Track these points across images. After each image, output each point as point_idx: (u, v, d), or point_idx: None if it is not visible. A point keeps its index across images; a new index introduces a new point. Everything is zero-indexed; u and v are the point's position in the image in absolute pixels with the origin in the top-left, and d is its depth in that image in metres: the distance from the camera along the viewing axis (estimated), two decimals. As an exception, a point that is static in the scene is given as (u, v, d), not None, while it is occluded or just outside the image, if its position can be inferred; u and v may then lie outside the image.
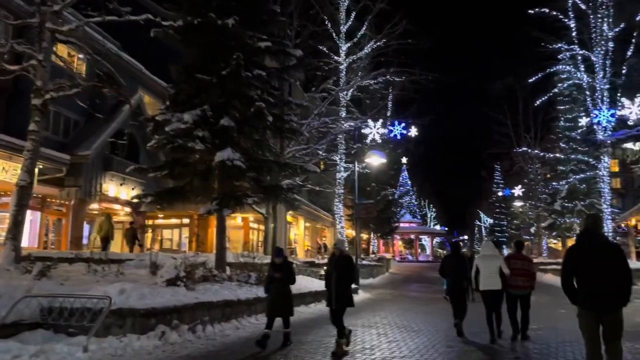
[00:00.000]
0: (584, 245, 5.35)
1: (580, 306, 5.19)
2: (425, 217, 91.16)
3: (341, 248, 8.54)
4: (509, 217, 61.35)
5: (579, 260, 5.23)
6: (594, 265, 5.12)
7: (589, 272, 5.14)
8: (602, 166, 24.83)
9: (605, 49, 25.25)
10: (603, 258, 5.15)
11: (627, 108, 20.18)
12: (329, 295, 8.24)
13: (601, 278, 5.07)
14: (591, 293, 5.08)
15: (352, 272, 8.49)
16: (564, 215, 33.38)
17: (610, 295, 5.03)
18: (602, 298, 5.03)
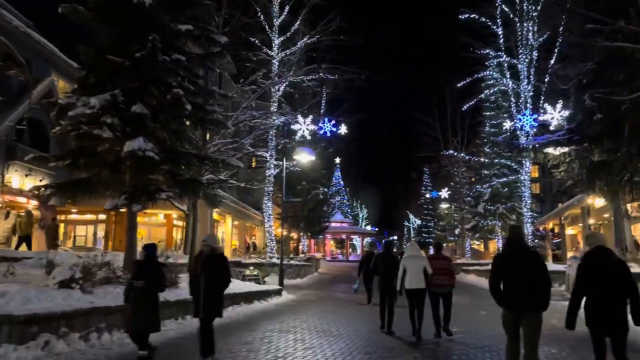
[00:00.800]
0: (508, 253, 5.93)
1: (504, 307, 5.70)
2: (357, 217, 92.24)
3: (212, 245, 7.07)
4: (436, 219, 63.03)
5: (504, 267, 5.77)
6: (517, 271, 5.63)
7: (513, 278, 5.65)
8: (524, 171, 25.79)
9: (530, 57, 26.22)
10: (525, 265, 5.63)
11: (549, 114, 20.99)
12: (196, 303, 6.99)
13: (523, 283, 5.56)
14: (514, 296, 5.59)
15: (225, 274, 7.02)
16: (486, 217, 34.47)
17: (531, 298, 5.52)
18: (524, 301, 5.54)
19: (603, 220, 33.33)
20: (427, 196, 64.84)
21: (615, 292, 5.13)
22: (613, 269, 5.22)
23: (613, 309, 5.10)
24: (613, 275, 5.17)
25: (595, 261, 5.34)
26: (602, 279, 5.20)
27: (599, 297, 5.16)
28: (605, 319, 5.13)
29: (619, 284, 5.14)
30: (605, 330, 5.20)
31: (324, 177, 35.59)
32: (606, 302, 5.13)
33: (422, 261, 9.30)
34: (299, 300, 16.73)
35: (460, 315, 12.50)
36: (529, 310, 5.52)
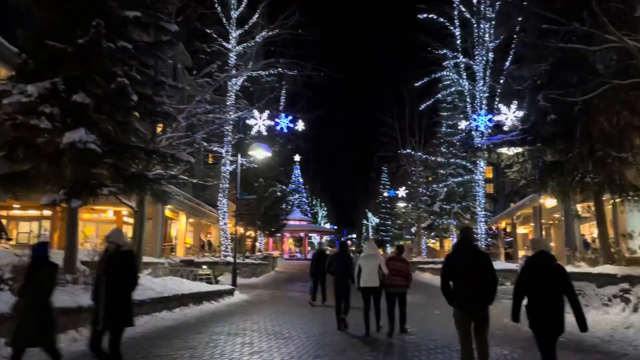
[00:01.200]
0: (459, 254, 6.22)
1: (455, 306, 5.98)
2: (316, 216, 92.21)
3: (117, 241, 5.97)
4: (393, 217, 63.63)
5: (455, 267, 6.04)
6: (467, 271, 5.92)
7: (463, 277, 5.94)
8: (478, 171, 26.17)
9: (486, 59, 26.61)
10: (475, 265, 5.94)
11: (503, 114, 21.35)
12: (96, 310, 5.83)
13: (472, 282, 5.88)
14: (464, 295, 5.90)
15: (130, 274, 5.96)
16: (442, 216, 34.91)
17: (480, 296, 5.87)
18: (473, 299, 5.86)
19: (554, 220, 34.32)
20: (385, 195, 65.38)
21: (554, 296, 5.45)
22: (553, 273, 5.53)
23: (552, 311, 5.44)
24: (553, 280, 5.48)
25: (537, 265, 5.61)
26: (542, 282, 5.47)
27: (540, 299, 5.46)
28: (546, 320, 5.47)
29: (558, 288, 5.46)
30: (547, 330, 5.53)
31: (282, 175, 35.15)
32: (546, 304, 5.45)
33: (377, 260, 9.46)
34: (252, 300, 16.27)
35: (415, 315, 12.40)
36: (479, 308, 5.89)
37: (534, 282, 5.52)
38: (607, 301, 12.27)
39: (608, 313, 12.08)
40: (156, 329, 10.33)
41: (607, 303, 12.24)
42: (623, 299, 11.76)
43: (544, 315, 5.45)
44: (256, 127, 21.21)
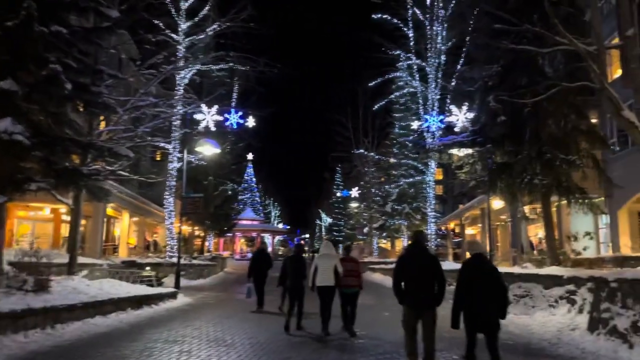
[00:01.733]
0: (411, 255, 6.44)
1: (406, 306, 6.23)
2: (270, 215, 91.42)
3: None
4: (346, 217, 63.73)
5: (407, 268, 6.29)
6: (418, 272, 6.19)
7: (413, 278, 6.21)
8: (429, 172, 26.37)
9: (438, 61, 26.84)
10: (426, 266, 6.21)
11: (454, 115, 21.51)
12: None
13: (422, 283, 6.17)
14: (414, 295, 6.16)
15: None
16: (393, 217, 35.08)
17: (429, 297, 6.16)
18: (425, 299, 6.14)
19: (500, 222, 35.14)
20: (338, 195, 65.43)
21: (488, 294, 5.81)
22: (488, 274, 5.95)
23: (487, 309, 5.80)
24: (487, 280, 5.88)
25: (473, 267, 6.02)
26: (478, 282, 5.85)
27: (475, 298, 5.80)
28: (480, 318, 5.81)
29: (492, 288, 5.86)
30: (480, 328, 5.89)
31: (233, 173, 34.26)
32: (481, 303, 5.79)
33: (333, 260, 9.68)
34: (196, 303, 15.52)
35: (365, 317, 12.10)
36: (428, 307, 6.15)
37: (470, 283, 5.87)
38: (553, 302, 12.39)
39: (554, 314, 12.19)
40: (87, 336, 9.54)
41: (554, 304, 12.36)
42: (569, 301, 11.88)
43: (479, 313, 5.81)
44: (204, 123, 20.35)
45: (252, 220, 60.43)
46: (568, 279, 12.10)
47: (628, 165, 18.52)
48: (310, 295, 9.95)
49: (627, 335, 7.78)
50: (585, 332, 9.25)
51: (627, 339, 7.75)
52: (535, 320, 12.09)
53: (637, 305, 7.78)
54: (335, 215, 74.88)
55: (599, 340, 8.39)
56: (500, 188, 13.65)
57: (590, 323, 9.22)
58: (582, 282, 11.57)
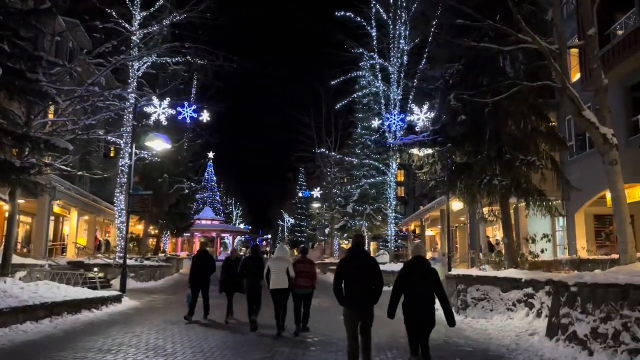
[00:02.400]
0: (352, 259, 6.65)
1: (347, 307, 6.48)
2: (231, 215, 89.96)
3: None
4: (309, 218, 63.21)
5: (346, 271, 6.56)
6: (357, 274, 6.48)
7: (353, 279, 6.48)
8: (391, 172, 26.12)
9: (401, 61, 26.63)
10: (364, 269, 6.50)
11: (416, 115, 21.28)
12: None
13: (362, 285, 6.43)
14: (354, 296, 6.41)
15: None
16: (355, 218, 34.74)
17: (369, 297, 6.43)
18: (362, 300, 6.39)
19: (459, 223, 35.34)
20: (300, 195, 64.85)
21: (427, 296, 6.22)
22: (427, 276, 6.31)
23: (425, 309, 6.17)
24: (426, 282, 6.26)
25: (414, 268, 6.40)
26: (417, 284, 6.23)
27: (414, 298, 6.20)
28: (419, 316, 6.21)
29: (431, 289, 6.24)
30: (418, 326, 6.26)
31: (191, 171, 33.11)
32: (419, 303, 6.18)
33: (286, 264, 9.91)
34: (143, 308, 14.61)
35: (320, 320, 11.65)
36: (367, 307, 6.43)
37: (410, 283, 6.26)
38: (512, 306, 12.17)
39: (512, 318, 11.97)
40: (12, 344, 8.66)
41: (512, 308, 12.14)
42: (527, 304, 11.68)
43: (417, 312, 6.20)
44: (155, 116, 19.32)
45: (211, 220, 59.11)
46: (526, 282, 11.89)
47: (585, 169, 18.69)
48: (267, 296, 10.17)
49: (587, 342, 7.50)
50: (544, 338, 8.97)
51: (587, 345, 7.47)
52: (493, 324, 11.84)
53: (597, 310, 7.50)
54: (297, 216, 74.28)
55: (558, 347, 8.10)
56: (460, 189, 13.36)
57: (550, 329, 8.95)
58: (541, 286, 11.38)
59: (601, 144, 10.12)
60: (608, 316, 7.29)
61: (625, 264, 9.83)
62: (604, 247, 22.64)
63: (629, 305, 7.05)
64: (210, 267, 12.23)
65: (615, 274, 8.42)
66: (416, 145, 14.47)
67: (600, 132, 10.05)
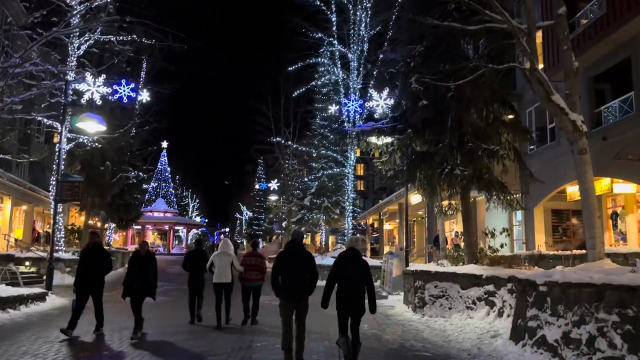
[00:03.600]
0: (289, 253, 6.96)
1: (282, 298, 6.78)
2: (187, 208, 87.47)
3: None
4: (267, 211, 61.88)
5: (284, 264, 6.86)
6: (293, 267, 6.79)
7: (289, 272, 6.81)
8: (349, 164, 25.24)
9: (361, 49, 25.69)
10: (300, 263, 6.82)
11: (375, 100, 20.36)
12: None
13: (297, 277, 6.78)
14: (290, 287, 6.75)
15: None
16: (312, 210, 33.75)
17: (304, 289, 6.78)
18: (299, 291, 6.74)
19: (418, 217, 34.94)
20: (257, 187, 63.43)
21: (357, 285, 6.57)
22: (358, 266, 6.65)
23: (355, 297, 6.52)
24: (357, 272, 6.60)
25: (346, 259, 6.72)
26: (349, 274, 6.59)
27: (346, 287, 6.56)
28: (349, 304, 6.53)
29: (360, 279, 6.60)
30: (349, 312, 6.56)
31: (137, 159, 31.14)
32: (350, 291, 6.54)
33: (229, 258, 10.26)
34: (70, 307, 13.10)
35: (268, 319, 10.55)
36: (301, 298, 6.77)
37: (343, 273, 6.61)
38: (471, 304, 11.44)
39: (472, 317, 11.23)
40: None
41: (472, 306, 11.41)
42: (488, 302, 10.96)
43: (348, 300, 6.53)
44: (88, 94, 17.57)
45: (164, 212, 56.86)
46: (487, 278, 11.18)
47: (545, 162, 18.30)
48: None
49: (557, 347, 6.73)
50: (508, 341, 8.19)
51: (558, 352, 6.70)
52: (452, 323, 11.07)
53: (569, 313, 6.74)
54: (255, 208, 72.81)
55: (525, 353, 7.31)
56: (419, 179, 12.51)
57: (515, 332, 8.17)
58: (502, 283, 10.67)
59: (570, 132, 9.42)
60: (581, 319, 6.54)
61: (593, 260, 9.17)
62: (561, 242, 22.55)
63: (605, 308, 6.31)
64: (102, 265, 9.61)
65: (587, 272, 7.70)
66: (375, 133, 13.54)
67: (570, 118, 9.35)
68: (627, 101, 14.10)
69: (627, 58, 13.79)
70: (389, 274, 16.99)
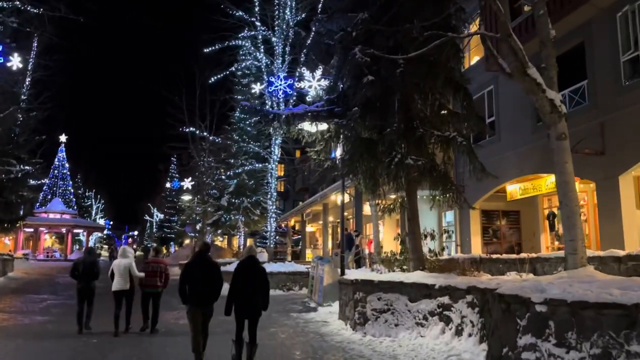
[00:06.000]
0: (197, 262, 7.54)
1: (191, 304, 7.29)
2: (90, 209, 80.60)
3: None
4: (179, 213, 57.75)
5: (192, 273, 7.38)
6: (200, 276, 7.34)
7: (197, 281, 7.33)
8: (272, 159, 22.94)
9: (286, 34, 23.44)
10: (205, 271, 7.39)
11: (307, 81, 18.14)
12: None
13: (204, 285, 7.33)
14: (197, 295, 7.28)
15: None
16: (230, 211, 30.96)
17: (208, 296, 7.33)
18: (203, 298, 7.29)
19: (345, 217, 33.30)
20: (167, 186, 59.16)
21: (254, 289, 7.13)
22: (256, 272, 7.24)
23: (252, 301, 7.09)
24: (255, 278, 7.18)
25: (245, 266, 7.27)
26: (247, 279, 7.14)
27: (244, 292, 7.07)
28: (246, 307, 7.07)
29: (258, 284, 7.18)
30: (246, 315, 7.10)
31: (23, 150, 26.53)
32: (248, 295, 7.07)
33: (127, 264, 10.14)
34: None
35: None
36: (207, 304, 7.32)
37: (243, 280, 7.12)
38: (422, 319, 9.61)
39: (423, 336, 9.40)
40: None
41: (422, 322, 9.58)
42: (442, 318, 9.17)
43: (246, 304, 7.03)
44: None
45: (61, 213, 51.13)
46: (440, 289, 9.39)
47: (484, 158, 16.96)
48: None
49: (573, 392, 4.93)
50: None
51: (574, 398, 4.89)
52: (401, 345, 9.16)
53: (585, 343, 4.97)
54: (167, 210, 68.23)
55: (522, 397, 5.46)
56: (362, 171, 10.53)
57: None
58: (460, 295, 8.92)
59: (547, 112, 7.84)
60: (605, 353, 4.78)
61: (574, 266, 7.65)
62: (491, 244, 21.76)
63: (639, 337, 4.60)
64: None
65: (585, 284, 6.06)
66: (308, 117, 11.37)
67: (547, 96, 7.78)
68: (579, 92, 13.08)
69: (580, 44, 12.77)
70: (319, 281, 14.89)
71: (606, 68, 12.01)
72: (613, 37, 11.91)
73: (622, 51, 11.62)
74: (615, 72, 11.69)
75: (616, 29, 11.73)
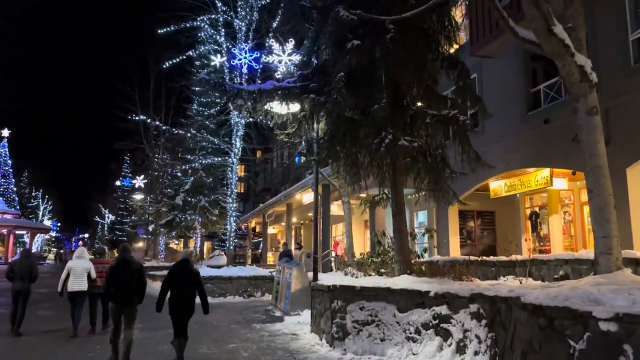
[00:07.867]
0: (120, 264, 7.96)
1: (113, 302, 7.78)
2: (37, 209, 75.97)
3: None
4: (132, 214, 54.56)
5: (116, 274, 7.84)
6: (124, 277, 7.78)
7: (120, 281, 7.76)
8: (234, 152, 20.96)
9: (250, 18, 21.57)
10: (128, 272, 7.85)
11: (276, 54, 16.25)
12: None
13: (126, 285, 7.73)
14: (120, 294, 7.69)
15: None
16: (185, 211, 28.69)
17: (131, 296, 7.73)
18: (127, 298, 7.69)
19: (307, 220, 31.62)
20: (118, 184, 55.88)
21: (187, 291, 7.60)
22: (189, 274, 7.70)
23: (186, 301, 7.56)
24: (187, 279, 7.65)
25: (179, 270, 7.73)
26: (180, 280, 7.62)
27: (178, 293, 7.53)
28: (180, 307, 7.53)
29: (191, 285, 7.64)
30: (179, 314, 7.55)
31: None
32: (181, 296, 7.54)
33: (86, 265, 10.41)
34: None
35: None
36: (130, 304, 7.71)
37: (175, 281, 7.59)
38: (414, 333, 8.03)
39: (416, 353, 7.82)
40: None
41: (415, 337, 8.00)
42: (439, 332, 7.63)
43: (180, 304, 7.50)
44: None
45: (2, 213, 47.28)
46: (437, 296, 7.84)
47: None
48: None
49: None
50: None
51: None
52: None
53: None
54: (119, 211, 64.63)
55: None
56: (344, 156, 8.89)
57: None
58: (462, 303, 7.39)
59: (577, 81, 6.44)
60: None
61: (607, 269, 6.21)
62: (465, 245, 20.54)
63: None
64: None
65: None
66: (277, 96, 9.64)
67: (577, 62, 6.37)
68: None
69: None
70: (286, 287, 13.13)
71: (612, 47, 10.83)
72: (621, 13, 10.72)
73: (630, 29, 10.45)
74: (623, 52, 10.51)
75: (624, 2, 10.57)
